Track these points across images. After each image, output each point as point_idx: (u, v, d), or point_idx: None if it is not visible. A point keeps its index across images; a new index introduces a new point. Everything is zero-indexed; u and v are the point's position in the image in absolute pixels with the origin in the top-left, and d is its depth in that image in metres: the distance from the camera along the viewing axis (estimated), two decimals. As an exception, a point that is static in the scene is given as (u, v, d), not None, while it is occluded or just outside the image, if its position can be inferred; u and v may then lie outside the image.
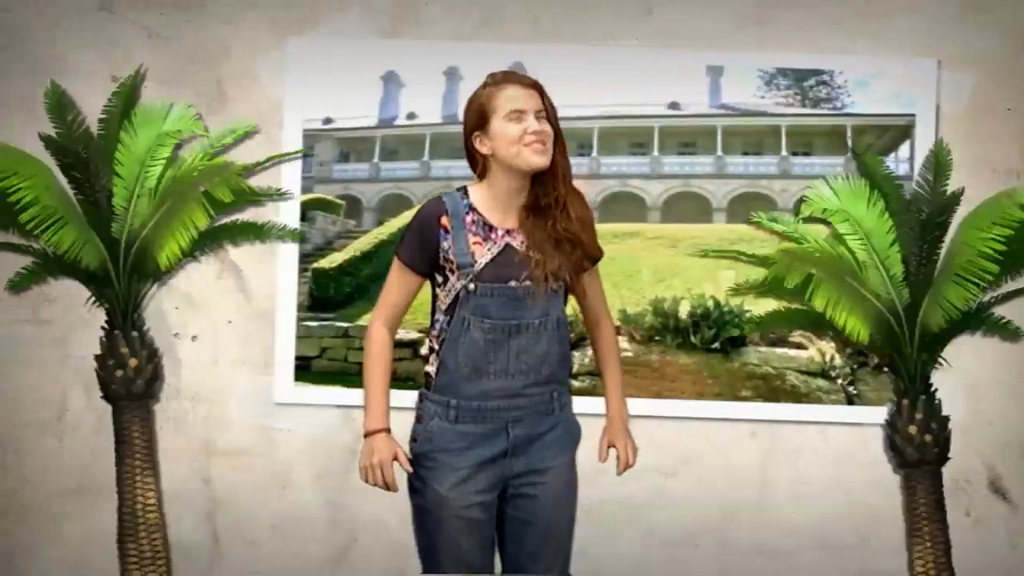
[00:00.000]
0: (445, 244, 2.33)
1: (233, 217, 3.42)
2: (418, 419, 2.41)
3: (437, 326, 2.39)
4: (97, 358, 3.31)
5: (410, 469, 2.37)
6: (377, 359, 2.41)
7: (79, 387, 3.47)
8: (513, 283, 2.32)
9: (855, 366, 3.42)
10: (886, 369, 3.41)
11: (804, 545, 3.48)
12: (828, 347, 3.43)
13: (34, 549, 3.50)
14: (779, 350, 3.43)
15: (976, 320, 3.18)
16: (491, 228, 2.34)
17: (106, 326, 3.32)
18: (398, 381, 3.42)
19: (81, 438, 3.48)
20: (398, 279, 2.42)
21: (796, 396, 3.43)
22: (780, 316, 3.35)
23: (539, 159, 2.28)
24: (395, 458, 2.36)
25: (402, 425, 2.47)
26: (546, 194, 2.32)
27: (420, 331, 3.43)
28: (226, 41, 3.45)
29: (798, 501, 3.48)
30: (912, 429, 3.17)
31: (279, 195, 3.41)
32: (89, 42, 3.44)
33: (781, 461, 3.47)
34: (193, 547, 3.49)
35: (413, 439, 2.40)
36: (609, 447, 2.57)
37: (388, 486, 2.36)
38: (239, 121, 3.40)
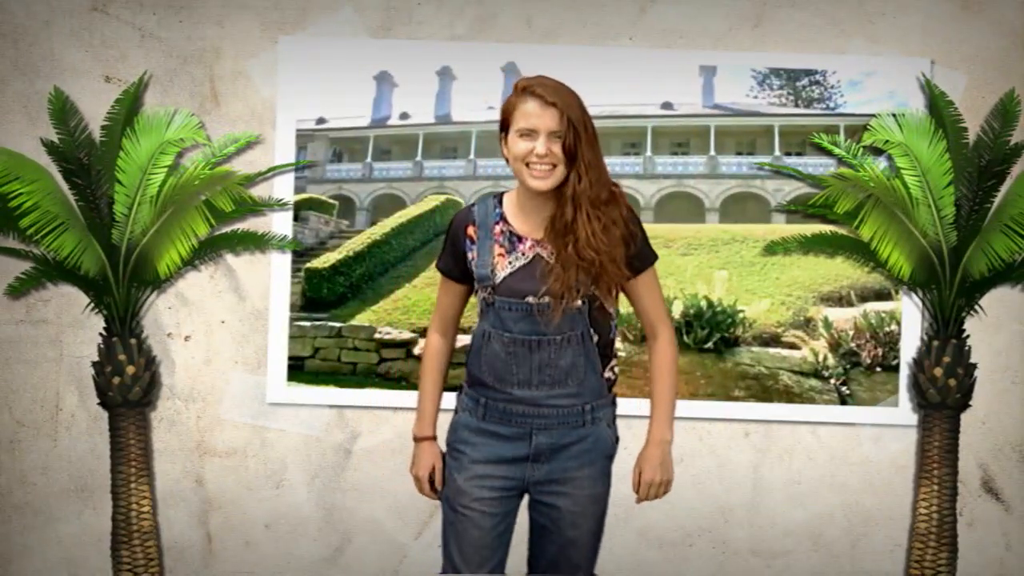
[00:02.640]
0: (470, 255, 2.37)
1: (233, 226, 3.52)
2: (455, 411, 2.48)
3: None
4: (94, 364, 3.41)
5: (440, 488, 2.47)
6: (426, 367, 2.52)
7: (73, 387, 3.54)
8: (530, 299, 2.32)
9: (848, 366, 3.49)
10: (879, 369, 3.48)
11: (798, 545, 3.55)
12: (821, 347, 3.49)
13: (28, 549, 3.57)
14: (772, 350, 3.50)
15: (1018, 272, 3.34)
16: (520, 239, 2.35)
17: (104, 332, 3.39)
18: (390, 381, 3.51)
19: (75, 438, 3.55)
20: (441, 287, 2.50)
21: (789, 396, 3.50)
22: (826, 240, 3.48)
23: (538, 183, 2.26)
24: (432, 472, 2.47)
25: (390, 429, 2.53)
26: (561, 215, 2.27)
27: (413, 331, 3.49)
28: (218, 41, 3.52)
29: (792, 501, 3.55)
30: (937, 371, 3.28)
31: (279, 206, 3.48)
32: (82, 42, 3.50)
33: (775, 461, 3.54)
34: (186, 547, 3.56)
35: (449, 429, 2.49)
36: (640, 473, 2.47)
37: (431, 496, 2.51)
38: (241, 132, 3.51)
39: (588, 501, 2.42)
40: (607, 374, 2.42)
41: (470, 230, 2.38)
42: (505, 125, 2.32)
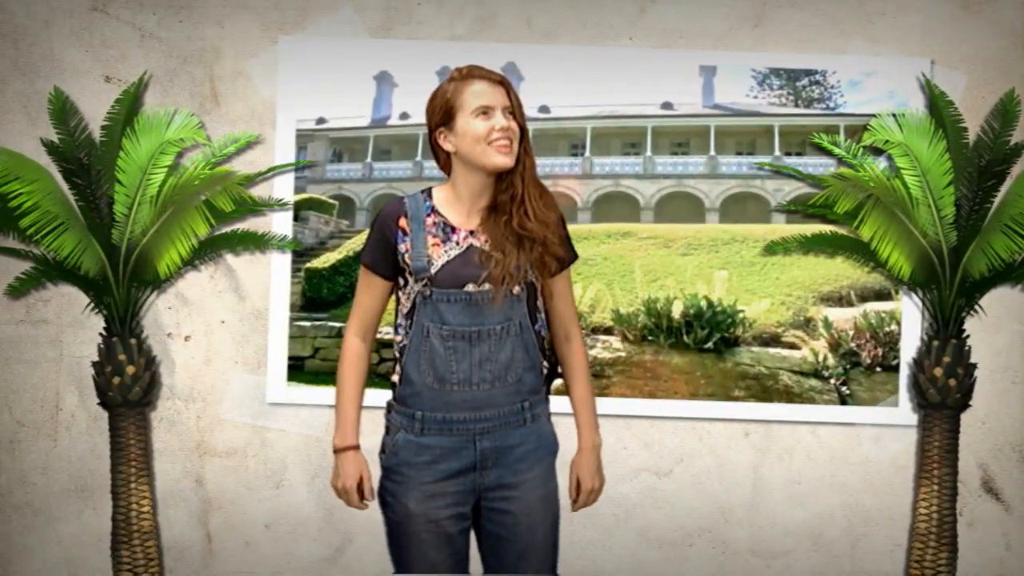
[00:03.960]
0: (402, 247, 2.32)
1: (233, 226, 3.53)
2: (386, 430, 2.42)
3: (400, 332, 2.38)
4: (94, 364, 3.42)
5: (371, 498, 2.40)
6: (347, 373, 2.42)
7: (73, 387, 3.56)
8: (470, 287, 2.30)
9: (848, 366, 3.50)
10: (879, 369, 3.49)
11: (798, 545, 3.57)
12: (821, 347, 3.50)
13: (28, 549, 3.58)
14: (772, 350, 3.52)
15: (1018, 272, 3.37)
16: (453, 230, 2.33)
17: (104, 332, 3.40)
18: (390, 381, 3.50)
19: (75, 438, 3.56)
20: (365, 285, 2.41)
21: (789, 396, 3.52)
22: (826, 240, 3.51)
23: (504, 159, 2.28)
24: (360, 482, 2.40)
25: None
26: (505, 190, 2.31)
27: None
28: (218, 41, 3.53)
29: (791, 501, 3.56)
30: (937, 371, 3.30)
31: (279, 206, 3.49)
32: (82, 42, 3.52)
33: (775, 461, 3.55)
34: (186, 547, 3.57)
35: (382, 451, 2.42)
36: (578, 481, 2.49)
37: (360, 507, 2.44)
38: (241, 132, 3.53)
39: (540, 502, 2.40)
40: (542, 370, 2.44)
41: (402, 222, 2.33)
42: (447, 118, 2.31)
